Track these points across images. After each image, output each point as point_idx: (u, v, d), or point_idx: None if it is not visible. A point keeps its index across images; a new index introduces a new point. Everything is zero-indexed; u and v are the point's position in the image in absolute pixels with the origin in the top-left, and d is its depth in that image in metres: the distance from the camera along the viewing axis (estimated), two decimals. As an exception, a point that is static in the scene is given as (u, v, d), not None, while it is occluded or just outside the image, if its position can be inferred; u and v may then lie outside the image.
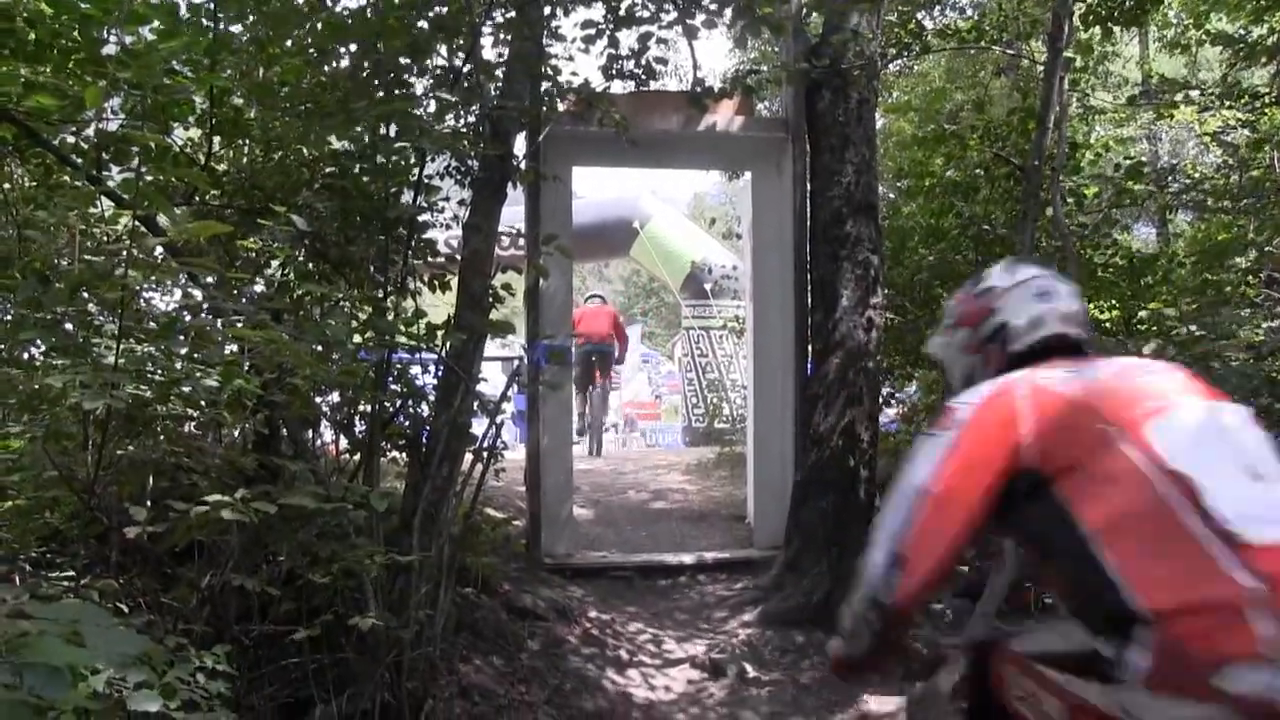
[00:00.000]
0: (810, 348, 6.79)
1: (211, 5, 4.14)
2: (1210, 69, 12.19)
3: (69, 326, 3.26)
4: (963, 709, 2.19)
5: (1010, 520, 1.84)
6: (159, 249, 3.87)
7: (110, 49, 3.56)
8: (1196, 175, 7.18)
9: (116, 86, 3.40)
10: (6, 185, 4.42)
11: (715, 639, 5.74)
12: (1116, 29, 6.88)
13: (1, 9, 3.36)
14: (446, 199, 5.14)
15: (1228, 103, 7.06)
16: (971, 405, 1.91)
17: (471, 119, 5.11)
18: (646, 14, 5.12)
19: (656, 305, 35.31)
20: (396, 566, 3.82)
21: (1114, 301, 7.04)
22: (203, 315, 3.85)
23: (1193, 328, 5.47)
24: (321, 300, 4.54)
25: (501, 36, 5.30)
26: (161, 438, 3.89)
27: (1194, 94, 6.75)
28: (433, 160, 4.99)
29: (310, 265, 4.85)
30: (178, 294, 4.37)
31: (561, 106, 5.88)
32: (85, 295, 3.42)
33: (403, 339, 4.43)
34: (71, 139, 4.02)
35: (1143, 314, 6.32)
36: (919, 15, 8.35)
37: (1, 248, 3.91)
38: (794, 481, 6.65)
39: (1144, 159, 10.30)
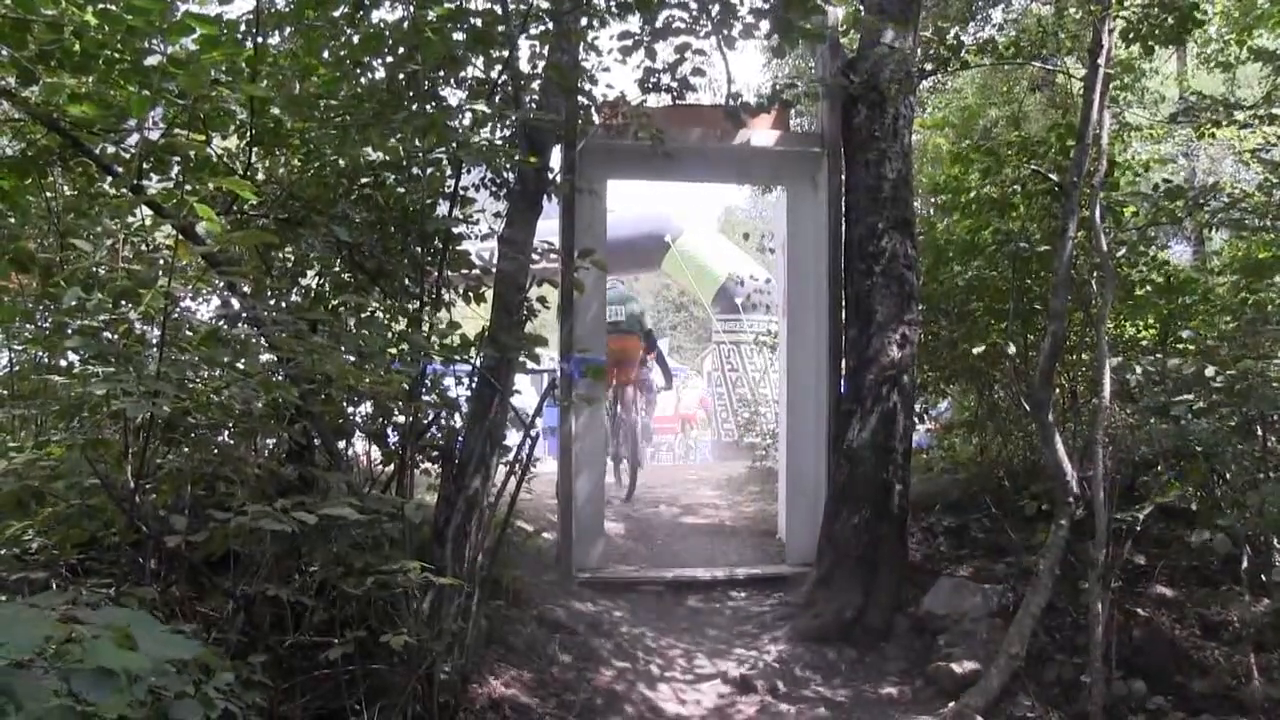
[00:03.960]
0: (844, 363, 6.76)
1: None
2: (1249, 86, 12.06)
3: (110, 335, 3.28)
4: None
5: None
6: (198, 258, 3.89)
7: (153, 59, 3.59)
8: (1235, 193, 7.07)
9: (161, 96, 3.43)
10: (49, 194, 4.47)
11: (746, 655, 5.70)
12: (1157, 46, 6.82)
13: (50, 21, 3.39)
14: (482, 211, 5.15)
15: (1268, 120, 6.97)
16: None
17: (507, 131, 5.12)
18: (683, 25, 5.09)
19: (686, 319, 35.37)
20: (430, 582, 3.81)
21: (1152, 320, 6.96)
22: (241, 325, 3.88)
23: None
24: (358, 311, 4.56)
25: (538, 49, 5.31)
26: (199, 447, 3.91)
27: (1237, 112, 6.65)
28: (468, 172, 4.99)
29: (347, 276, 4.87)
30: (214, 302, 4.40)
31: (597, 119, 5.88)
32: (126, 304, 3.45)
33: (437, 351, 4.44)
34: (113, 149, 4.06)
35: (1183, 334, 6.23)
36: (955, 30, 8.29)
37: (45, 256, 3.95)
38: (826, 497, 6.61)
39: (1182, 176, 10.19)
